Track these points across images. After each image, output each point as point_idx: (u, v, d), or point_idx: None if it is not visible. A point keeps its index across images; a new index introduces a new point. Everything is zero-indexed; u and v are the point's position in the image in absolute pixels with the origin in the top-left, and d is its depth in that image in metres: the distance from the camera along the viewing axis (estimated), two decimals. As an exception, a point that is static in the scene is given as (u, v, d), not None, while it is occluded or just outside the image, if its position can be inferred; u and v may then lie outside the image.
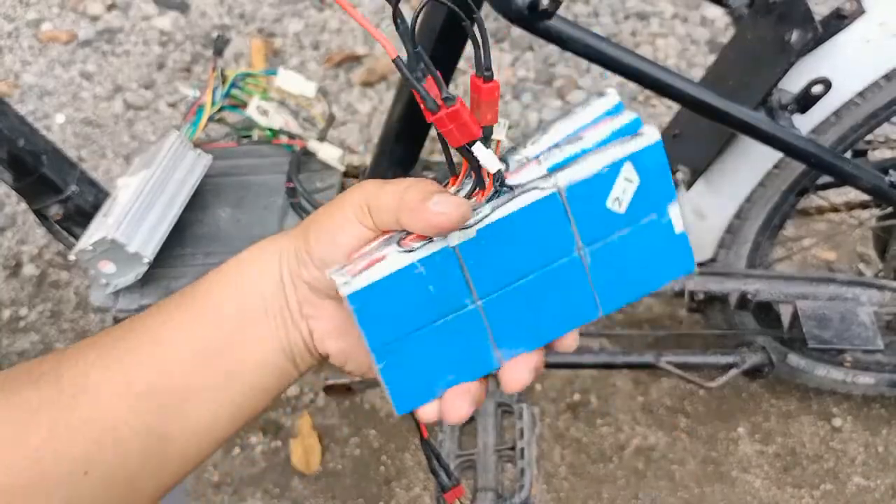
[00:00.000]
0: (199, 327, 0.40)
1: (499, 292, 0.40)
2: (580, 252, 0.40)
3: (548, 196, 0.38)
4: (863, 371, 1.13)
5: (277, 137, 1.04)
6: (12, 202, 1.44)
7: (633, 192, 0.40)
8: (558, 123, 0.41)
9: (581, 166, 0.39)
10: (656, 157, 0.40)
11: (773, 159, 0.90)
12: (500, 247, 0.39)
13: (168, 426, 0.40)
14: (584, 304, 0.41)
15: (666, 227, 0.41)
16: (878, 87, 0.84)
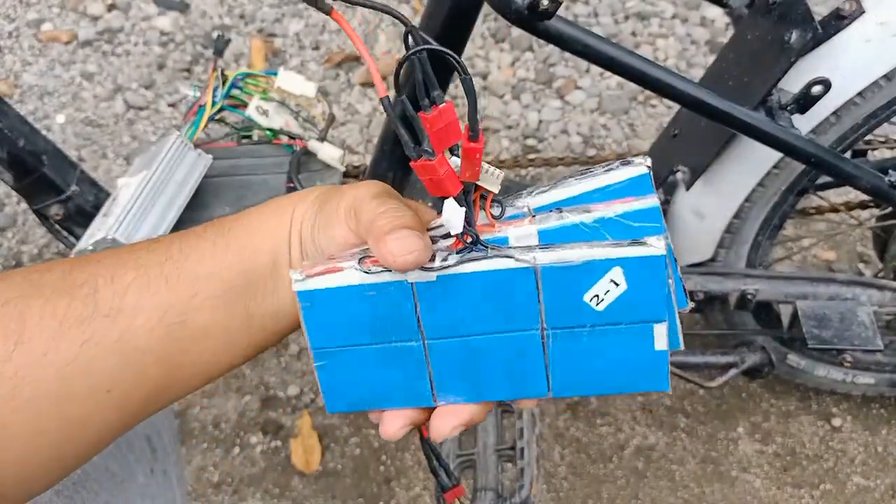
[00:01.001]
0: (233, 269, 0.41)
1: (447, 340, 0.39)
2: (542, 331, 0.39)
3: (522, 269, 0.37)
4: (863, 371, 1.13)
5: (278, 137, 1.04)
6: (12, 202, 1.44)
7: (616, 296, 0.38)
8: (573, 181, 0.40)
9: (567, 251, 0.37)
10: (653, 272, 0.37)
11: (772, 159, 0.91)
12: (458, 299, 0.38)
13: (186, 357, 0.41)
14: (534, 380, 0.40)
15: (645, 340, 0.39)
16: (878, 86, 0.84)
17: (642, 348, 0.39)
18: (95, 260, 0.41)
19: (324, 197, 0.43)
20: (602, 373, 0.39)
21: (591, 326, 0.38)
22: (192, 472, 1.16)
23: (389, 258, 0.37)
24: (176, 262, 0.41)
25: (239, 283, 0.41)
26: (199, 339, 0.41)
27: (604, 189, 0.40)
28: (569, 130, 1.56)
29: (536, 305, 0.38)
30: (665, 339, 0.38)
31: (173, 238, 0.42)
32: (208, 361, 0.42)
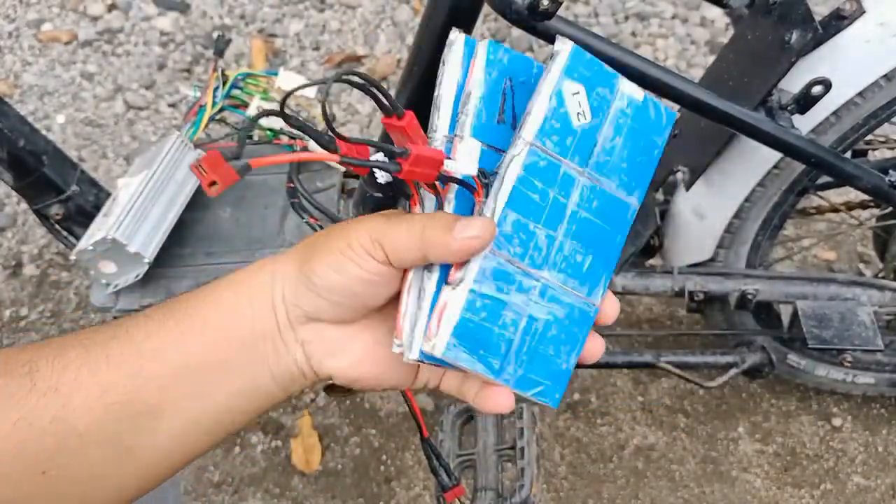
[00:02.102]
0: (182, 346, 0.39)
1: (553, 256, 0.42)
2: (584, 175, 0.42)
3: (528, 153, 0.40)
4: (863, 371, 1.13)
5: (278, 138, 1.04)
6: (13, 202, 1.44)
7: (586, 98, 0.42)
8: (440, 92, 0.43)
9: (532, 114, 0.40)
10: (581, 60, 0.42)
11: (772, 159, 0.91)
12: (524, 223, 0.40)
13: (136, 439, 0.39)
14: (619, 209, 0.44)
15: (629, 103, 0.43)
16: (878, 87, 0.84)
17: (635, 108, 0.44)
18: (44, 343, 0.39)
19: (305, 252, 0.41)
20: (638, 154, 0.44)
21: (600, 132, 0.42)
22: (192, 471, 1.16)
23: (468, 246, 0.38)
24: (120, 342, 0.39)
25: (191, 361, 0.39)
26: (149, 419, 0.39)
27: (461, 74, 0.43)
28: (569, 130, 1.56)
29: (562, 165, 0.41)
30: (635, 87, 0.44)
31: (122, 320, 0.41)
32: (166, 446, 0.40)
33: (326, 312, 0.40)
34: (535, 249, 0.41)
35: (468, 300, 0.39)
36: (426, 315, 0.40)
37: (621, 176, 0.44)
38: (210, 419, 0.41)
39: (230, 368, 0.40)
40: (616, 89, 0.43)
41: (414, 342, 0.40)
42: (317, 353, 0.41)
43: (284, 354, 0.41)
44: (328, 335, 0.41)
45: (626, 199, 0.44)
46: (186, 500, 1.14)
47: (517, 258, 0.40)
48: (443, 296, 0.39)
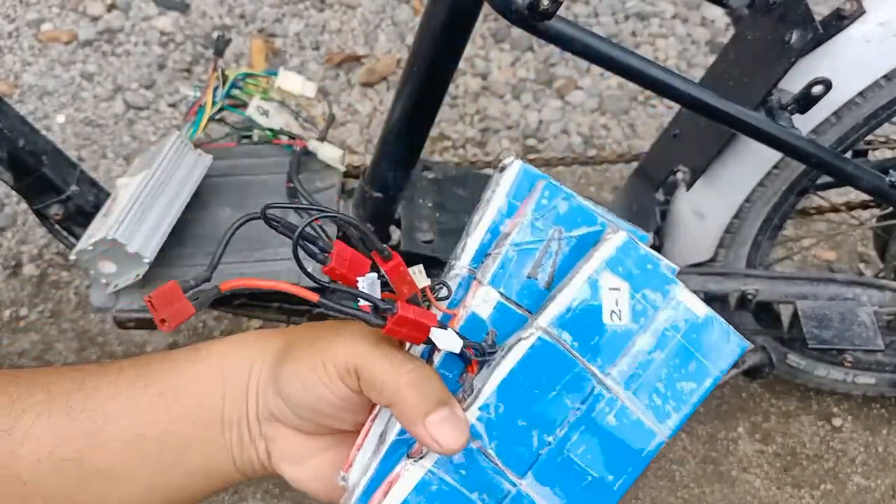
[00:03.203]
0: (148, 414, 0.38)
1: (538, 461, 0.36)
2: (603, 382, 0.36)
3: (535, 343, 0.35)
4: (863, 371, 1.13)
5: (278, 138, 1.03)
6: (12, 202, 1.44)
7: (627, 299, 0.36)
8: (476, 218, 0.39)
9: (555, 300, 0.35)
10: (631, 254, 0.36)
11: (773, 159, 0.90)
12: (511, 415, 0.35)
13: (84, 499, 0.37)
14: (639, 435, 0.36)
15: (686, 314, 0.36)
16: (879, 87, 0.84)
17: (691, 324, 0.36)
18: (14, 376, 0.38)
19: (285, 348, 0.38)
20: (682, 377, 0.36)
21: (635, 344, 0.36)
22: (192, 472, 1.16)
23: (436, 448, 0.33)
24: (86, 394, 0.37)
25: (154, 430, 0.37)
26: (100, 483, 0.37)
27: (506, 206, 0.39)
28: (569, 130, 1.56)
29: (576, 364, 0.35)
30: (695, 298, 0.36)
31: (93, 369, 0.39)
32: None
33: (290, 420, 0.38)
34: (518, 449, 0.35)
35: (422, 481, 0.35)
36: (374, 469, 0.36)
37: (653, 397, 0.36)
38: (165, 492, 0.39)
39: (191, 446, 0.38)
40: (670, 297, 0.36)
41: (357, 489, 0.37)
42: (276, 454, 0.39)
43: (249, 445, 0.39)
44: (290, 442, 0.39)
45: (653, 426, 0.36)
46: None
47: (494, 454, 0.35)
48: (398, 467, 0.35)
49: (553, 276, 0.38)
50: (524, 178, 0.39)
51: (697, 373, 0.37)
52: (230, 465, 0.39)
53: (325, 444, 0.40)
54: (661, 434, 0.36)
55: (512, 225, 0.38)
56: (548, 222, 0.38)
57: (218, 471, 0.39)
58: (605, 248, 0.36)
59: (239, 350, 0.39)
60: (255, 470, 0.40)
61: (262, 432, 0.39)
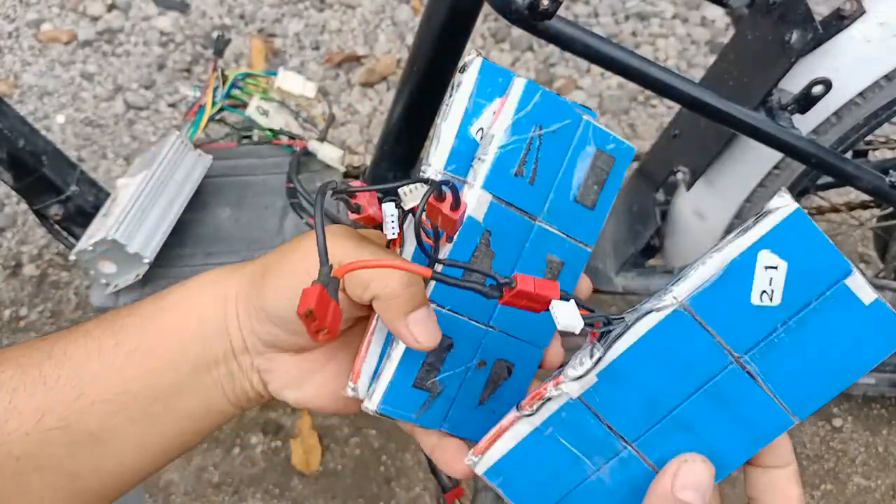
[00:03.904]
0: (125, 371, 0.37)
1: (652, 430, 0.35)
2: (739, 361, 0.34)
3: (672, 315, 0.33)
4: (863, 371, 1.13)
5: (278, 138, 1.04)
6: (12, 202, 1.44)
7: (783, 279, 0.33)
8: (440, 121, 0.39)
9: (701, 269, 0.33)
10: (801, 228, 0.32)
11: (773, 160, 0.90)
12: (633, 385, 0.34)
13: (80, 464, 0.37)
14: (768, 415, 0.34)
15: (849, 303, 0.33)
16: (879, 87, 0.84)
17: (853, 313, 0.33)
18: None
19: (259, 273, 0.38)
20: (831, 364, 0.34)
21: (783, 326, 0.33)
22: (192, 472, 1.16)
23: (414, 343, 0.35)
24: (57, 361, 0.37)
25: (134, 385, 0.37)
26: (91, 445, 0.37)
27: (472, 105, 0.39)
28: (569, 130, 1.56)
29: (713, 340, 0.33)
30: (868, 287, 0.33)
31: (60, 335, 0.38)
32: (113, 469, 0.38)
33: (284, 341, 0.38)
34: (635, 417, 0.34)
35: (531, 436, 0.35)
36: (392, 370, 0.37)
37: (793, 385, 0.34)
38: (160, 442, 0.39)
39: (180, 392, 0.38)
40: (835, 281, 0.33)
41: (375, 393, 0.38)
42: (274, 383, 0.40)
43: (240, 378, 0.39)
44: (286, 367, 0.39)
45: (784, 408, 0.34)
46: (186, 500, 1.14)
47: (605, 417, 0.34)
48: (508, 418, 0.35)
49: (536, 172, 0.39)
50: (487, 74, 0.39)
51: (853, 363, 0.34)
52: (224, 401, 0.39)
53: (319, 361, 0.40)
54: (793, 421, 0.35)
55: (495, 127, 0.38)
56: (527, 120, 0.38)
57: (213, 409, 0.39)
58: (771, 220, 0.32)
59: (207, 290, 0.39)
60: (250, 400, 0.40)
61: (254, 365, 0.39)
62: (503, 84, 0.39)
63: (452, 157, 0.39)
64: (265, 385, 0.40)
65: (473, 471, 0.36)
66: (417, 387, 0.39)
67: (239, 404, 0.40)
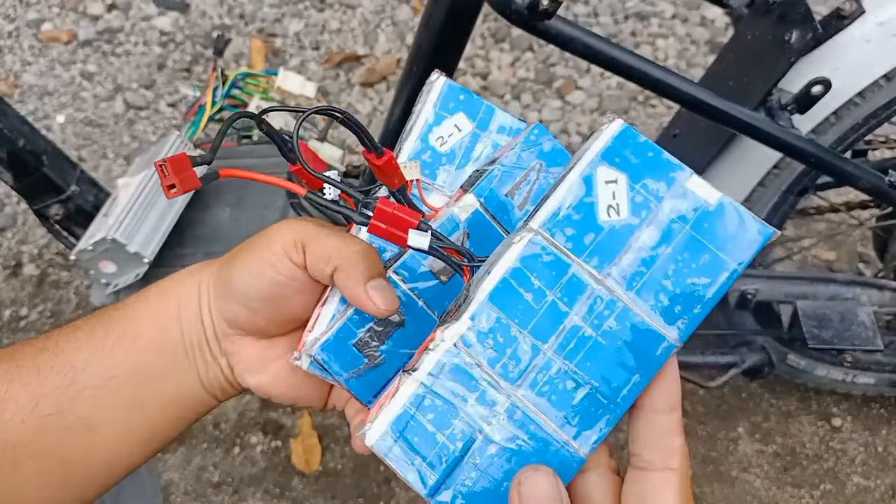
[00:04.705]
0: (113, 356, 0.39)
1: (535, 370, 0.33)
2: (603, 283, 0.33)
3: (529, 241, 0.33)
4: (863, 371, 1.13)
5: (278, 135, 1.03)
6: (12, 202, 1.44)
7: (625, 192, 0.33)
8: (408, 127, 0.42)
9: (549, 198, 0.34)
10: (629, 143, 0.33)
11: (772, 159, 0.91)
12: (503, 324, 0.33)
13: (72, 451, 0.39)
14: (647, 340, 0.33)
15: (693, 203, 0.33)
16: (878, 86, 0.84)
17: (702, 213, 0.33)
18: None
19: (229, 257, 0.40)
20: (694, 273, 0.33)
21: (635, 239, 0.33)
22: (192, 472, 1.16)
23: (372, 308, 0.37)
24: (51, 353, 0.39)
25: (122, 370, 0.39)
26: (83, 431, 0.39)
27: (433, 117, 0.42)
28: (569, 130, 1.56)
29: (572, 263, 0.33)
30: (709, 187, 0.33)
31: (52, 333, 0.40)
32: (103, 456, 0.40)
33: (246, 321, 0.39)
34: (511, 359, 0.33)
35: (416, 394, 0.34)
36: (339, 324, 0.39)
37: (660, 297, 0.33)
38: (145, 429, 0.40)
39: (161, 378, 0.40)
40: (675, 185, 0.33)
41: (317, 342, 0.39)
42: (238, 366, 0.41)
43: (212, 364, 0.41)
44: (249, 351, 0.41)
45: (660, 328, 0.33)
46: (186, 500, 1.14)
47: (487, 363, 0.33)
48: (395, 380, 0.35)
49: (527, 201, 0.40)
50: (449, 92, 0.42)
51: (711, 267, 0.33)
52: (200, 389, 0.41)
53: (281, 348, 0.41)
54: (669, 337, 0.33)
55: (502, 151, 0.41)
56: (532, 155, 0.41)
57: (191, 397, 0.41)
58: (602, 137, 0.33)
59: (186, 278, 0.41)
60: (223, 388, 0.42)
61: (223, 349, 0.41)
62: (465, 102, 0.42)
63: (413, 156, 0.42)
64: (232, 370, 0.41)
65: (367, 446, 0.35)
66: (357, 348, 0.39)
67: (213, 393, 0.42)
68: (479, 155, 0.42)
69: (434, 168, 0.42)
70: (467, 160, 0.42)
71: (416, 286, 0.40)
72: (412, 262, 0.40)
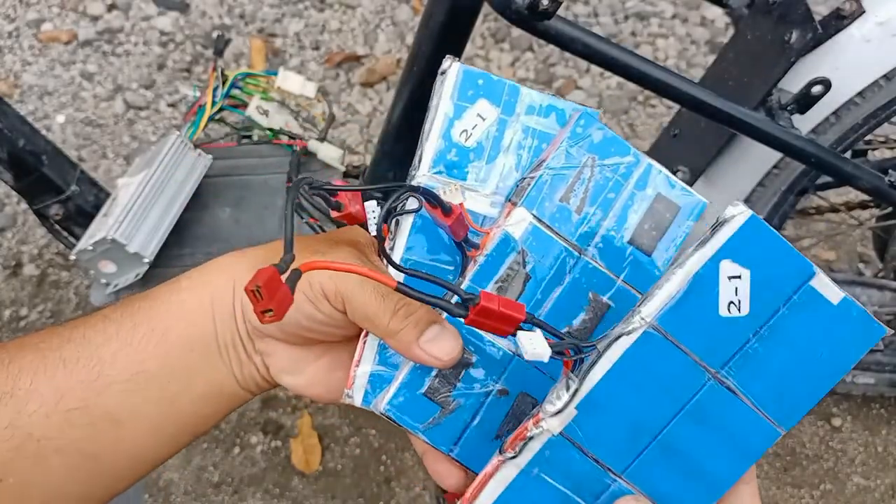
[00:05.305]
0: (143, 351, 0.38)
1: (640, 456, 0.34)
2: (717, 377, 0.33)
3: (642, 338, 0.32)
4: (863, 371, 1.13)
5: (278, 137, 1.04)
6: (12, 202, 1.44)
7: (748, 288, 0.32)
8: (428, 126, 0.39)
9: (665, 286, 0.32)
10: (758, 235, 0.32)
11: (772, 159, 0.91)
12: (612, 413, 0.33)
13: (99, 446, 0.38)
14: (754, 428, 0.34)
15: (817, 306, 0.33)
16: (878, 86, 0.84)
17: (823, 314, 0.33)
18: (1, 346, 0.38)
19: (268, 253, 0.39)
20: (808, 368, 0.33)
21: (755, 335, 0.33)
22: (192, 472, 1.16)
23: (435, 363, 0.35)
24: (77, 345, 0.38)
25: (151, 365, 0.38)
26: (110, 426, 0.37)
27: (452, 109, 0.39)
28: (569, 130, 1.56)
29: (687, 359, 0.33)
30: (833, 287, 0.33)
31: (79, 321, 0.39)
32: (130, 451, 0.39)
33: (277, 335, 0.39)
34: (620, 447, 0.33)
35: (518, 479, 0.33)
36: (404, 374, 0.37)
37: (772, 394, 0.33)
38: (175, 424, 0.40)
39: (194, 374, 0.39)
40: (802, 287, 0.32)
41: (386, 394, 0.37)
42: (273, 367, 0.40)
43: (247, 362, 0.40)
44: (284, 354, 0.40)
45: (769, 420, 0.33)
46: (186, 500, 1.14)
47: (593, 452, 0.33)
48: (492, 464, 0.34)
49: (584, 202, 0.38)
50: (465, 78, 0.39)
51: (828, 365, 0.33)
52: (235, 385, 0.40)
53: (317, 352, 0.40)
54: (779, 430, 0.34)
55: (548, 151, 0.38)
56: (582, 150, 0.37)
57: (225, 392, 0.40)
58: (729, 228, 0.32)
59: (221, 273, 0.39)
60: (258, 384, 0.41)
61: (257, 348, 0.40)
62: (484, 86, 0.39)
63: (438, 160, 0.39)
64: (267, 370, 0.40)
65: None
66: (428, 397, 0.37)
67: (248, 388, 0.41)
68: (510, 143, 0.39)
69: (462, 167, 0.39)
70: (497, 151, 0.39)
71: None
72: None
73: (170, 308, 0.39)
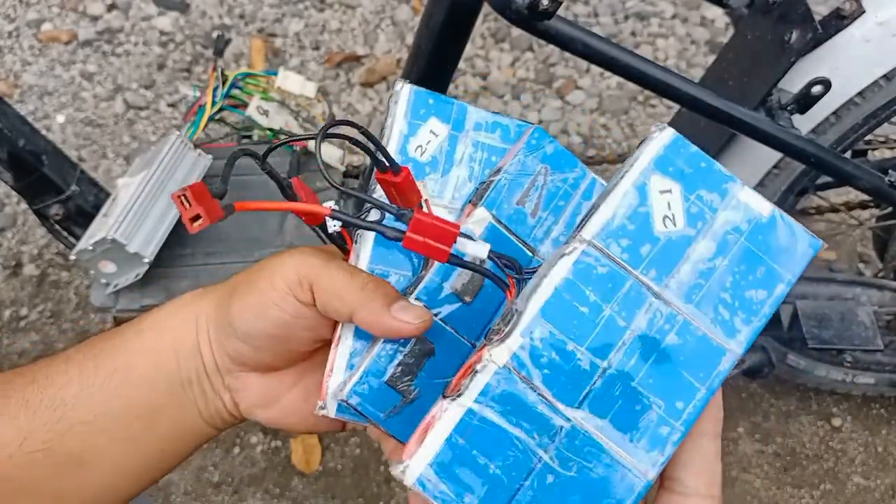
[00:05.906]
0: (105, 392, 0.38)
1: (593, 389, 0.32)
2: (661, 296, 0.32)
3: (583, 253, 0.32)
4: (863, 371, 1.13)
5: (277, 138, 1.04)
6: (12, 202, 1.44)
7: (681, 201, 0.33)
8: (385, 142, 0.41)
9: (601, 208, 0.32)
10: (682, 152, 0.34)
11: (772, 159, 0.91)
12: (558, 340, 0.31)
13: (63, 487, 0.38)
14: (707, 352, 0.32)
15: (745, 216, 0.33)
16: (878, 86, 0.84)
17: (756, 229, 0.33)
18: None
19: (228, 291, 0.39)
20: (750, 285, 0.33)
21: (692, 249, 0.33)
22: (192, 472, 1.16)
23: (407, 328, 0.35)
24: (40, 386, 0.37)
25: (114, 406, 0.38)
26: (74, 468, 0.37)
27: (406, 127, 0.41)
28: (569, 130, 1.56)
29: (629, 276, 0.32)
30: (761, 199, 0.33)
31: (41, 363, 0.39)
32: (95, 491, 0.38)
33: (250, 359, 0.38)
34: (569, 378, 0.31)
35: (462, 421, 0.31)
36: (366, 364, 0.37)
37: (719, 310, 0.32)
38: (140, 463, 0.39)
39: (158, 412, 0.39)
40: (728, 196, 0.33)
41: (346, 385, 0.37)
42: (244, 402, 0.40)
43: (213, 398, 0.40)
44: (256, 387, 0.40)
45: (720, 341, 0.32)
46: (186, 500, 1.14)
47: (542, 385, 0.31)
48: (435, 408, 0.32)
49: (538, 207, 0.40)
50: (416, 98, 0.41)
51: (767, 279, 0.33)
52: (200, 421, 0.40)
53: (289, 381, 0.40)
54: (732, 350, 0.32)
55: (505, 159, 0.41)
56: (536, 160, 0.40)
57: (191, 429, 0.40)
58: (654, 145, 0.33)
59: (182, 310, 0.40)
60: (224, 420, 0.41)
61: (226, 384, 0.39)
62: (434, 105, 0.41)
63: None
64: (237, 405, 0.40)
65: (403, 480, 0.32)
66: (390, 385, 0.37)
67: (214, 424, 0.41)
68: (462, 157, 0.41)
69: (419, 179, 0.41)
70: (451, 165, 0.41)
71: (440, 311, 0.38)
72: (432, 286, 0.38)
73: (131, 347, 0.39)
